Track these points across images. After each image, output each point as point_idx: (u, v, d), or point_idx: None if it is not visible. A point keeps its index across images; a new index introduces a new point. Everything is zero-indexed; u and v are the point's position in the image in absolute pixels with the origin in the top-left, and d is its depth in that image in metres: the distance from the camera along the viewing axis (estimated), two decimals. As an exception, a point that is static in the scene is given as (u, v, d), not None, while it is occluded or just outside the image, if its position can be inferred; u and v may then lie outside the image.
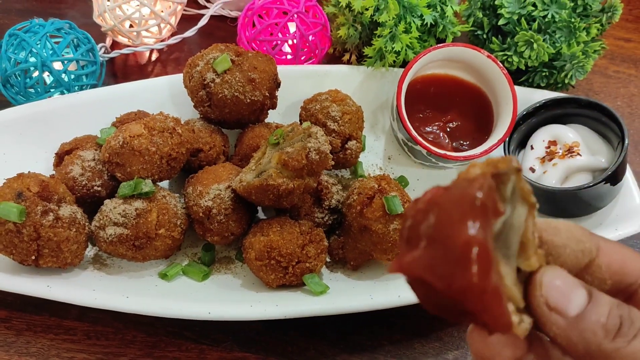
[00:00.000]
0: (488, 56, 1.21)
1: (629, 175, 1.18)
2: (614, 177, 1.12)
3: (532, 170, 1.19)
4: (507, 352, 0.52)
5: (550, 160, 1.17)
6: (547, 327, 0.50)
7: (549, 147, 1.19)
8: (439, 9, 1.32)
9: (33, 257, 1.01)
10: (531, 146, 1.22)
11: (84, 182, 1.10)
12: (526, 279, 0.51)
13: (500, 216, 0.46)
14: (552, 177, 1.15)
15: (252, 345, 1.10)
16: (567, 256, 0.53)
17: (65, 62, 1.27)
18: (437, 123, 1.25)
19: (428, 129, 1.25)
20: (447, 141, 1.24)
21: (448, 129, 1.25)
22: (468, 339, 0.54)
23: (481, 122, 1.25)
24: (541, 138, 1.21)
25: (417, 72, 1.26)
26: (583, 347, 0.49)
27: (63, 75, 1.27)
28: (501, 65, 1.21)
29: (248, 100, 1.15)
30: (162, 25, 1.43)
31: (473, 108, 1.26)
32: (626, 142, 1.11)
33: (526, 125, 1.24)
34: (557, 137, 1.19)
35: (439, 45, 1.22)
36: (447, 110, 1.27)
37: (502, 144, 1.19)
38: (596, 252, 0.53)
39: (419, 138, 1.18)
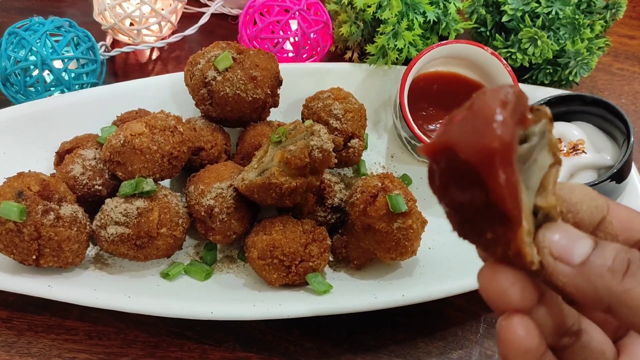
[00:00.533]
0: (492, 53, 1.20)
1: (634, 173, 1.17)
2: (620, 174, 1.11)
3: None
4: (514, 290, 0.52)
5: None
6: (554, 278, 0.51)
7: None
8: (441, 5, 1.31)
9: (34, 257, 1.00)
10: None
11: (84, 181, 1.09)
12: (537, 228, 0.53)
13: (527, 126, 0.50)
14: None
15: (254, 345, 1.09)
16: (584, 212, 0.55)
17: (66, 60, 1.26)
18: (440, 121, 1.25)
19: (432, 127, 1.24)
20: None
21: None
22: (478, 278, 0.54)
23: None
24: None
25: (420, 69, 1.25)
26: (592, 292, 0.50)
27: (63, 74, 1.26)
28: (505, 62, 1.20)
29: (250, 98, 1.14)
30: (163, 23, 1.42)
31: None
32: (632, 139, 1.10)
33: None
34: (561, 135, 1.18)
35: (441, 42, 1.21)
36: (450, 107, 1.26)
37: None
38: (607, 209, 0.55)
39: (423, 136, 1.17)
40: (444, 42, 1.21)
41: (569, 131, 1.18)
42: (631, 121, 1.38)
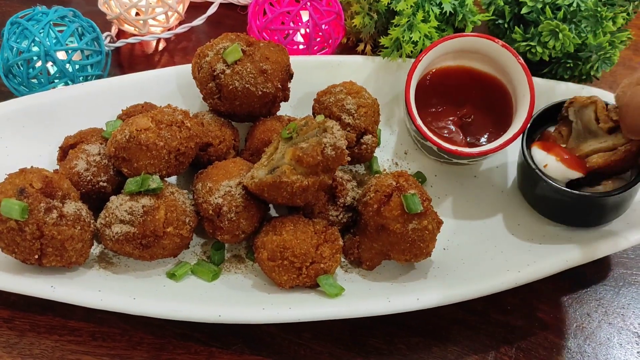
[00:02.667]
0: (502, 45, 1.15)
1: None
2: None
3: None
4: None
5: None
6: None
7: None
8: (458, -4, 1.27)
9: (36, 256, 0.97)
10: None
11: (89, 178, 1.07)
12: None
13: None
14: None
15: (263, 348, 1.07)
16: None
17: (70, 51, 1.24)
18: (451, 118, 1.20)
19: (441, 124, 1.20)
20: (460, 137, 1.19)
21: (462, 124, 1.20)
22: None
23: (499, 115, 1.20)
24: None
25: (429, 65, 1.20)
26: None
27: (67, 66, 1.23)
28: (517, 53, 1.15)
29: (259, 92, 1.11)
30: (170, 13, 1.39)
31: (490, 100, 1.21)
32: None
33: (547, 123, 1.18)
34: None
35: (448, 36, 1.17)
36: (462, 104, 1.21)
37: (520, 138, 1.12)
38: None
39: (429, 134, 1.13)
40: (452, 35, 1.17)
41: None
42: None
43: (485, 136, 1.19)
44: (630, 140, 1.00)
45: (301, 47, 1.34)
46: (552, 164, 1.06)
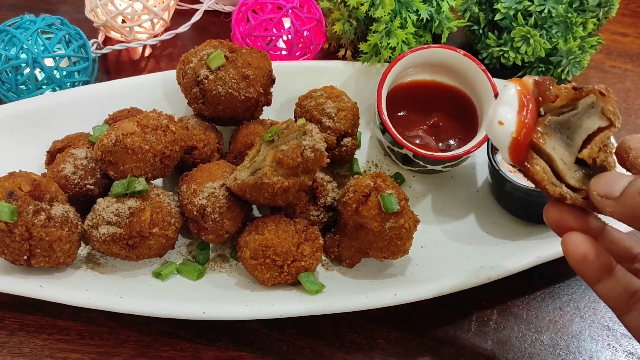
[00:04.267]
0: (464, 54, 1.20)
1: None
2: None
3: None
4: (569, 218, 0.75)
5: None
6: (604, 211, 0.70)
7: None
8: (434, 4, 1.31)
9: (25, 257, 1.00)
10: None
11: (76, 181, 1.09)
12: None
13: (546, 103, 0.75)
14: None
15: (247, 344, 1.10)
16: None
17: (57, 58, 1.26)
18: (421, 127, 1.24)
19: (413, 133, 1.24)
20: (433, 143, 1.23)
21: (433, 131, 1.24)
22: (544, 213, 0.78)
23: (466, 122, 1.24)
24: None
25: (396, 78, 1.24)
26: (632, 213, 0.67)
27: (55, 72, 1.25)
28: (478, 61, 1.19)
29: (242, 97, 1.14)
30: (155, 20, 1.41)
31: (456, 109, 1.25)
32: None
33: None
34: None
35: (413, 49, 1.21)
36: (430, 113, 1.25)
37: (487, 142, 1.17)
38: None
39: (404, 141, 1.16)
40: (415, 48, 1.20)
41: None
42: (622, 119, 1.38)
43: (456, 142, 1.23)
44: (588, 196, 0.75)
45: (283, 52, 1.37)
46: None
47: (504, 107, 0.75)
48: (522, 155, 0.74)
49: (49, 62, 1.25)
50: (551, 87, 0.75)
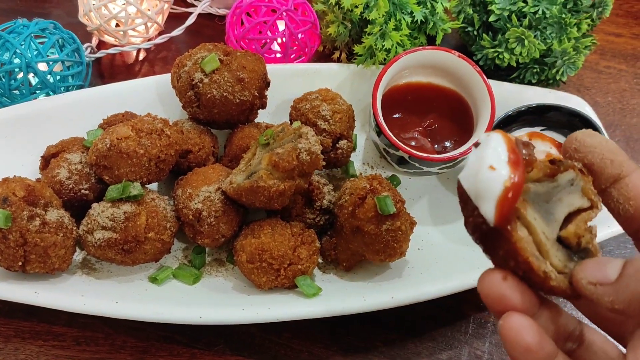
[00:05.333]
0: (459, 56, 1.20)
1: None
2: None
3: None
4: (515, 295, 0.58)
5: None
6: (601, 301, 0.56)
7: None
8: (429, 5, 1.31)
9: (20, 263, 0.99)
10: None
11: (71, 186, 1.08)
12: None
13: (532, 166, 0.60)
14: None
15: (244, 348, 1.09)
16: (597, 158, 0.60)
17: (51, 63, 1.25)
18: (417, 128, 1.24)
19: (408, 135, 1.24)
20: (429, 145, 1.22)
21: (429, 133, 1.24)
22: (479, 282, 0.59)
23: (462, 123, 1.24)
24: None
25: (391, 81, 1.24)
26: (637, 297, 0.54)
27: (48, 77, 1.25)
28: (473, 62, 1.19)
29: (237, 100, 1.14)
30: (149, 24, 1.41)
31: (452, 111, 1.25)
32: None
33: (512, 123, 1.23)
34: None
35: (408, 51, 1.21)
36: (425, 115, 1.25)
37: None
38: (625, 170, 0.59)
39: (400, 143, 1.16)
40: (410, 50, 1.20)
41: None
42: (617, 119, 1.39)
43: (452, 143, 1.23)
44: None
45: (278, 55, 1.37)
46: None
47: (492, 152, 0.59)
48: (509, 213, 0.58)
49: (42, 66, 1.25)
50: (530, 155, 0.62)
